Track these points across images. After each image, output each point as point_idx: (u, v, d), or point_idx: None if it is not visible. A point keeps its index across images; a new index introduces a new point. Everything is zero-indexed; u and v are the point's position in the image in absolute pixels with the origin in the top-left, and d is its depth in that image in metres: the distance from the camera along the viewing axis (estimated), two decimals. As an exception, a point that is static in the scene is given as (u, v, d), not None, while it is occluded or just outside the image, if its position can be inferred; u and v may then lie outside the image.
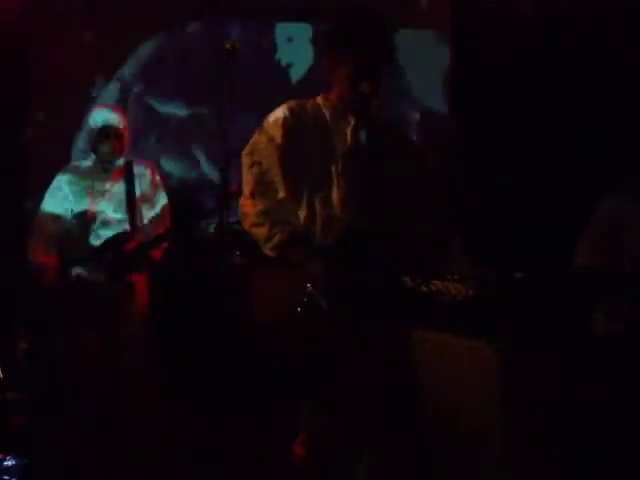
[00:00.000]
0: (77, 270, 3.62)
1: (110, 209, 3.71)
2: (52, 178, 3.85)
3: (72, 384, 3.62)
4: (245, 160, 2.60)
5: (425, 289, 2.66)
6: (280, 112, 2.59)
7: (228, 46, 2.79)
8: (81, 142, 3.94)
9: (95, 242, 3.67)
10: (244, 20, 5.04)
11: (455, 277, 2.74)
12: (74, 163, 3.98)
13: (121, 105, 4.07)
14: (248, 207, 2.57)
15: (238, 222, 2.72)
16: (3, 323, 4.26)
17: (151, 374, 3.67)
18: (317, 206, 2.53)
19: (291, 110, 2.57)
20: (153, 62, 5.19)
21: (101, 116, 3.74)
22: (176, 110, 5.15)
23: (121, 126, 3.75)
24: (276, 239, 2.50)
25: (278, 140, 2.55)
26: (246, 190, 2.58)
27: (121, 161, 3.78)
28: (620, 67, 4.38)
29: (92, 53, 5.04)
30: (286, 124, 2.55)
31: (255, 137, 2.62)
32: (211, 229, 3.99)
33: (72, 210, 3.74)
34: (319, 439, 2.53)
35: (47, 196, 3.79)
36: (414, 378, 2.59)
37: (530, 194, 4.52)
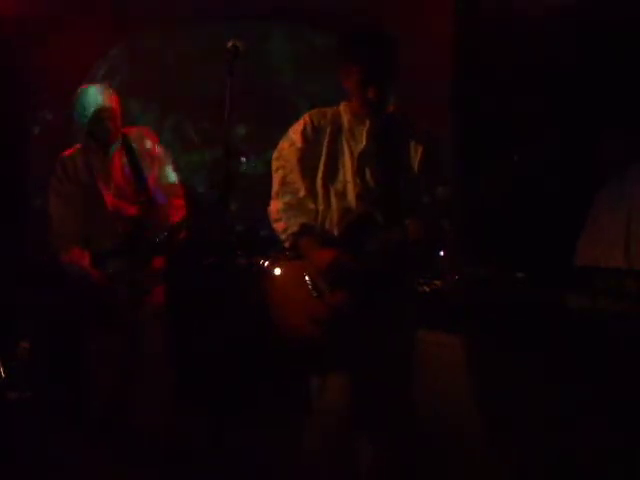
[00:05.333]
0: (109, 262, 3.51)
1: (121, 196, 3.60)
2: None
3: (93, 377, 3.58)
4: (273, 164, 2.95)
5: (427, 289, 2.76)
6: (301, 120, 2.93)
7: (230, 46, 2.78)
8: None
9: (117, 235, 3.54)
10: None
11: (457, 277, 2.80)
12: (72, 150, 3.72)
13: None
14: (273, 205, 2.92)
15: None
16: (3, 323, 4.26)
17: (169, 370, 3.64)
18: (333, 200, 2.86)
19: (311, 117, 2.91)
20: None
21: (93, 98, 3.53)
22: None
23: (114, 105, 3.58)
24: (289, 231, 2.84)
25: (298, 144, 2.89)
26: (273, 191, 2.94)
27: (118, 142, 3.62)
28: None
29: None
30: (305, 130, 2.89)
31: (280, 143, 2.96)
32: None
33: (84, 200, 3.60)
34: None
35: (53, 187, 3.63)
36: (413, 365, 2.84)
37: (529, 193, 4.52)
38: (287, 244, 2.87)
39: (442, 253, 3.98)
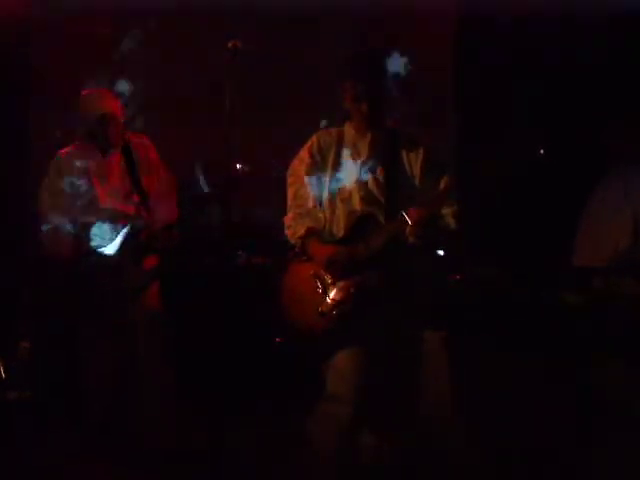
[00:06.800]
0: (99, 258, 3.56)
1: (116, 195, 3.64)
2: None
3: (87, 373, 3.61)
4: (287, 180, 3.25)
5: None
6: (310, 140, 3.22)
7: (230, 45, 2.77)
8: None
9: (109, 231, 3.58)
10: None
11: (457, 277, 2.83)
12: (69, 149, 3.76)
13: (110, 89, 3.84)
14: (287, 216, 3.22)
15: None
16: (3, 323, 4.25)
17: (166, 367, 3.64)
18: (339, 205, 3.10)
19: (318, 137, 3.20)
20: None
21: (97, 103, 3.60)
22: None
23: (117, 111, 3.63)
24: (297, 234, 3.14)
25: (307, 161, 3.18)
26: (287, 204, 3.24)
27: (118, 146, 3.67)
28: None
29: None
30: (312, 148, 3.18)
31: (293, 161, 3.25)
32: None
33: (76, 197, 3.63)
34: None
35: (45, 184, 3.66)
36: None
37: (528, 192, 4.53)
38: (297, 248, 3.14)
39: (442, 253, 3.98)
